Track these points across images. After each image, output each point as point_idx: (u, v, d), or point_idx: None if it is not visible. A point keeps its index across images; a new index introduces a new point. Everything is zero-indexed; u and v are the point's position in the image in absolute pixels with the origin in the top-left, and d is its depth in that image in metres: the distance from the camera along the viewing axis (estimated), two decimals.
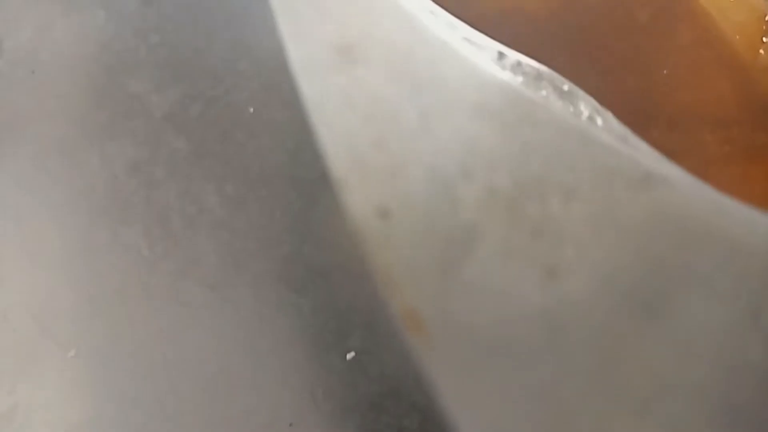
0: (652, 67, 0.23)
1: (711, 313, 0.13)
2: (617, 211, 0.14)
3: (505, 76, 0.16)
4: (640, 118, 0.22)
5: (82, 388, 0.22)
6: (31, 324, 0.22)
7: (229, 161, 0.25)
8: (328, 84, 0.15)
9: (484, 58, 0.17)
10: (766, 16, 0.23)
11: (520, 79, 0.17)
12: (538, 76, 0.17)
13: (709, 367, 0.13)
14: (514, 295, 0.13)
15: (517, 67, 0.17)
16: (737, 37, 0.23)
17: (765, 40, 0.23)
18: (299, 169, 0.25)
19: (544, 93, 0.16)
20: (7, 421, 0.21)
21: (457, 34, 0.17)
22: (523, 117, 0.15)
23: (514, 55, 0.17)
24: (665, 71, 0.23)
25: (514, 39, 0.17)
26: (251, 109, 0.26)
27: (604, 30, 0.23)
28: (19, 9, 0.28)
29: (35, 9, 0.28)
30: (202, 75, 0.26)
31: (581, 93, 0.17)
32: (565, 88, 0.17)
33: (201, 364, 0.23)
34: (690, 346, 0.13)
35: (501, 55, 0.17)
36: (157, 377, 0.22)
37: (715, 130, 0.22)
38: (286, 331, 0.23)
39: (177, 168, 0.25)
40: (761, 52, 0.23)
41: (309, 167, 0.25)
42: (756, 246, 0.14)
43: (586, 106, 0.16)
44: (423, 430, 0.21)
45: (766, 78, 0.23)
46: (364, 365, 0.22)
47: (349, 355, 0.22)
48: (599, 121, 0.16)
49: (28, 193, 0.25)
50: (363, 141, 0.14)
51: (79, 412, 0.22)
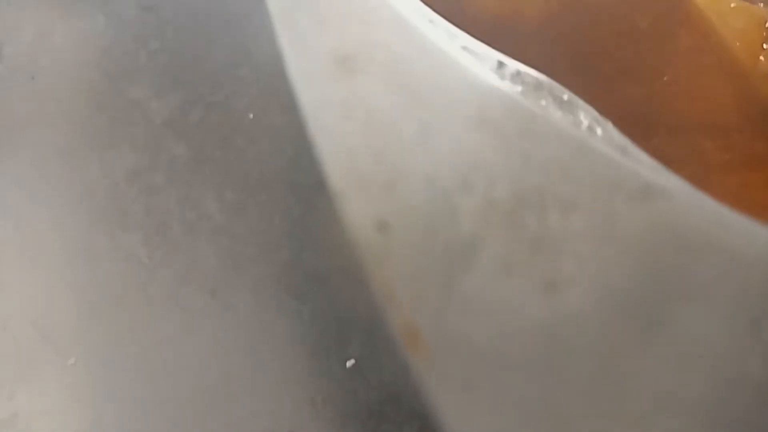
0: (652, 74, 0.23)
1: (710, 325, 0.13)
2: (617, 223, 0.14)
3: (505, 85, 0.16)
4: (639, 125, 0.21)
5: (82, 395, 0.22)
6: (30, 331, 0.22)
7: (229, 167, 0.25)
8: (327, 94, 0.15)
9: (484, 68, 0.16)
10: (766, 23, 0.23)
11: (519, 88, 0.17)
12: (538, 86, 0.17)
13: (709, 380, 0.13)
14: (514, 309, 0.13)
15: (516, 76, 0.17)
16: (737, 43, 0.23)
17: (765, 46, 0.23)
18: (299, 174, 0.25)
19: (543, 103, 0.16)
20: (7, 428, 0.21)
21: (456, 43, 0.17)
22: (523, 128, 0.15)
23: (513, 65, 0.17)
24: (665, 78, 0.23)
25: (513, 46, 0.17)
26: (251, 115, 0.26)
27: (604, 36, 0.23)
28: (19, 14, 0.28)
29: (35, 14, 0.28)
30: (201, 81, 0.26)
31: (581, 103, 0.17)
32: (565, 97, 0.17)
33: (201, 370, 0.22)
34: (689, 359, 0.13)
35: (500, 64, 0.17)
36: (157, 384, 0.22)
37: (715, 138, 0.22)
38: (286, 337, 0.23)
39: (177, 174, 0.25)
40: (761, 58, 0.23)
41: (308, 173, 0.25)
42: (755, 257, 0.14)
43: (585, 116, 0.16)
44: None
45: (766, 85, 0.23)
46: (364, 372, 0.22)
47: (349, 363, 0.22)
48: (599, 131, 0.16)
49: (28, 198, 0.25)
50: (362, 152, 0.14)
51: (79, 419, 0.22)
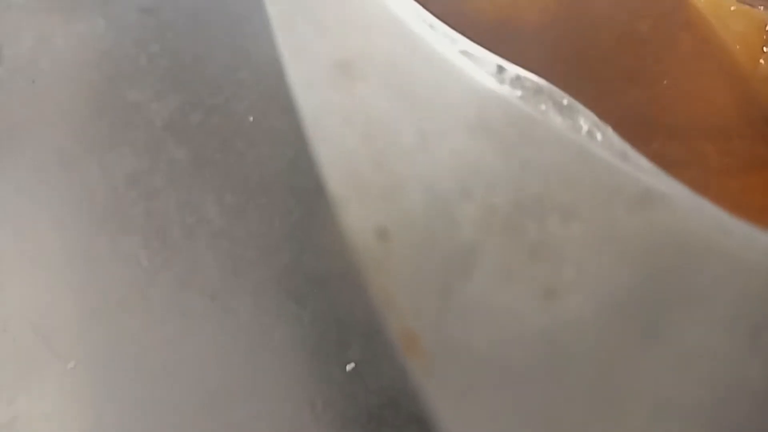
0: (652, 78, 0.23)
1: (710, 332, 0.13)
2: (616, 229, 0.14)
3: (504, 90, 0.16)
4: (640, 129, 0.21)
5: (82, 399, 0.22)
6: (30, 334, 0.22)
7: (229, 170, 0.25)
8: (327, 100, 0.15)
9: (484, 72, 0.16)
10: (766, 26, 0.23)
11: (519, 93, 0.17)
12: (538, 91, 0.17)
13: (708, 386, 0.13)
14: (513, 315, 0.13)
15: (516, 81, 0.17)
16: (737, 47, 0.23)
17: (765, 50, 0.23)
18: (299, 177, 0.25)
19: (543, 107, 0.16)
20: None
21: (456, 47, 0.17)
22: (523, 134, 0.15)
23: (513, 69, 0.17)
24: (665, 81, 0.23)
25: (512, 50, 0.17)
26: (251, 118, 0.26)
27: (604, 40, 0.23)
28: (19, 17, 0.28)
29: (36, 17, 0.28)
30: (201, 84, 0.26)
31: (581, 107, 0.17)
32: (565, 102, 0.17)
33: (201, 373, 0.22)
34: (689, 365, 0.13)
35: (500, 68, 0.17)
36: (157, 387, 0.22)
37: (715, 141, 0.22)
38: (286, 341, 0.23)
39: (177, 177, 0.25)
40: (761, 62, 0.23)
41: (309, 176, 0.25)
42: (755, 263, 0.14)
43: (585, 121, 0.16)
44: None
45: (766, 88, 0.23)
46: (364, 376, 0.22)
47: (349, 366, 0.22)
48: (599, 136, 0.16)
49: (28, 201, 0.25)
50: (361, 159, 0.14)
51: (79, 423, 0.22)
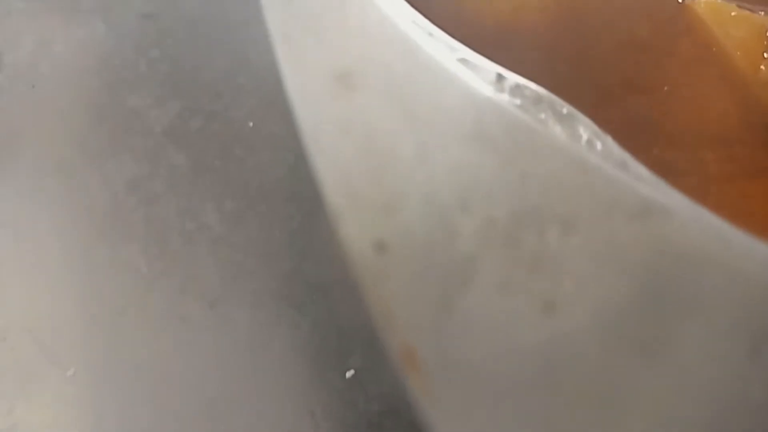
0: (652, 84, 0.23)
1: (710, 345, 0.13)
2: (616, 241, 0.13)
3: (504, 99, 0.16)
4: (640, 135, 0.21)
5: (82, 406, 0.22)
6: (29, 342, 0.22)
7: (229, 177, 0.25)
8: (325, 111, 0.15)
9: (483, 81, 0.16)
10: (767, 32, 0.23)
11: (518, 101, 0.16)
12: (537, 99, 0.17)
13: (709, 401, 0.13)
14: (512, 330, 0.13)
15: (515, 89, 0.17)
16: (738, 52, 0.23)
17: (766, 55, 0.23)
18: (299, 184, 0.25)
19: (542, 116, 0.16)
20: None
21: (455, 55, 0.17)
22: (522, 145, 0.15)
23: (513, 78, 0.17)
24: (666, 88, 0.23)
25: (512, 56, 0.17)
26: (251, 124, 0.26)
27: (604, 47, 0.23)
28: (19, 23, 0.28)
29: (36, 23, 0.28)
30: (201, 90, 0.26)
31: (580, 116, 0.17)
32: (564, 111, 0.17)
33: (200, 381, 0.22)
34: (689, 381, 0.13)
35: (500, 77, 0.17)
36: (157, 394, 0.22)
37: (716, 148, 0.22)
38: (286, 348, 0.23)
39: (176, 184, 0.25)
40: (762, 68, 0.23)
41: (308, 182, 0.25)
42: (755, 275, 0.14)
43: (585, 130, 0.16)
44: None
45: (767, 94, 0.23)
46: (364, 384, 0.22)
47: (349, 374, 0.22)
48: (598, 145, 0.16)
49: (28, 208, 0.25)
50: (358, 171, 0.14)
51: (79, 430, 0.22)
